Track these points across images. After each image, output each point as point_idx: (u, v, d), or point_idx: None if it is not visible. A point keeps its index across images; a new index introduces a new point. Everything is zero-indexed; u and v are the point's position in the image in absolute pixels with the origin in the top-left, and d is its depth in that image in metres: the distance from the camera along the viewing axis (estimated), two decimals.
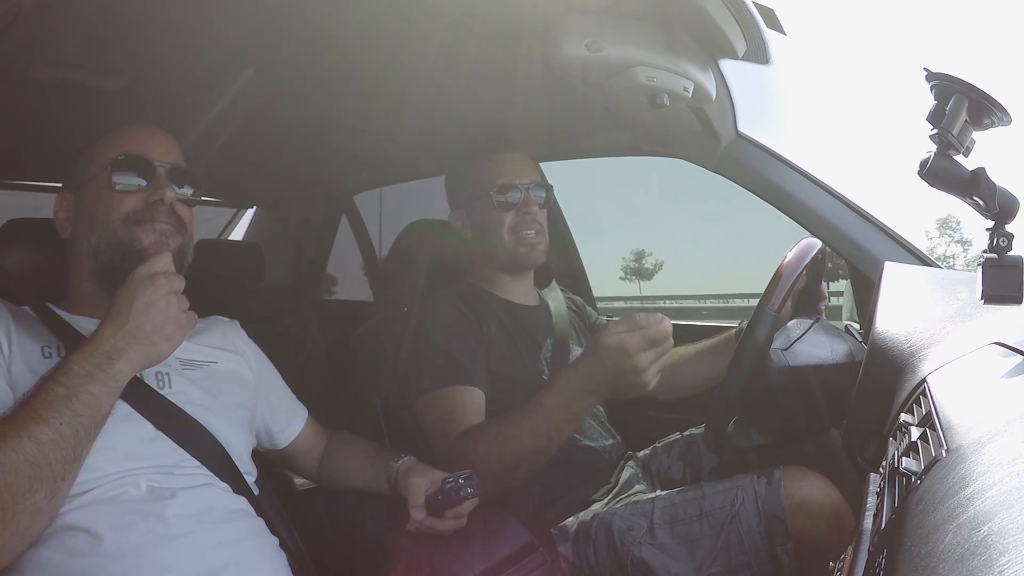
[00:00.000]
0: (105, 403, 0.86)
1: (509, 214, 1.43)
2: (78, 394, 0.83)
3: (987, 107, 0.84)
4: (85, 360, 0.85)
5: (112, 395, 0.87)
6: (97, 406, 0.84)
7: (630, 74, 1.06)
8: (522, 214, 1.43)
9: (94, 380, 0.84)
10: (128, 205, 1.03)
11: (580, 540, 1.26)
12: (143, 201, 1.03)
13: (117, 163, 1.03)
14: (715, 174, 1.54)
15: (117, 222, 1.02)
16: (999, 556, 0.39)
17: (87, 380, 0.84)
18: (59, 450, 0.80)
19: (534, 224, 1.44)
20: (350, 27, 1.15)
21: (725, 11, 1.04)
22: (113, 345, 0.87)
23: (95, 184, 1.04)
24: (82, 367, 0.84)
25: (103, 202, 1.03)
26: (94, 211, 1.03)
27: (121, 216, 1.02)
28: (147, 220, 1.02)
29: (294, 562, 1.08)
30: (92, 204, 1.04)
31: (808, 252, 1.19)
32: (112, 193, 1.03)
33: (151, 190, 1.04)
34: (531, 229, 1.44)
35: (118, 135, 1.08)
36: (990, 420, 0.61)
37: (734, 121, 1.47)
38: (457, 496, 1.04)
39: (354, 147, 1.88)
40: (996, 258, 0.85)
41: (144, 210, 1.03)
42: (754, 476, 1.22)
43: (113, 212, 1.02)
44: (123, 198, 1.03)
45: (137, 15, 1.05)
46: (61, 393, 0.82)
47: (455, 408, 1.27)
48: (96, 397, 0.84)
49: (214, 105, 1.43)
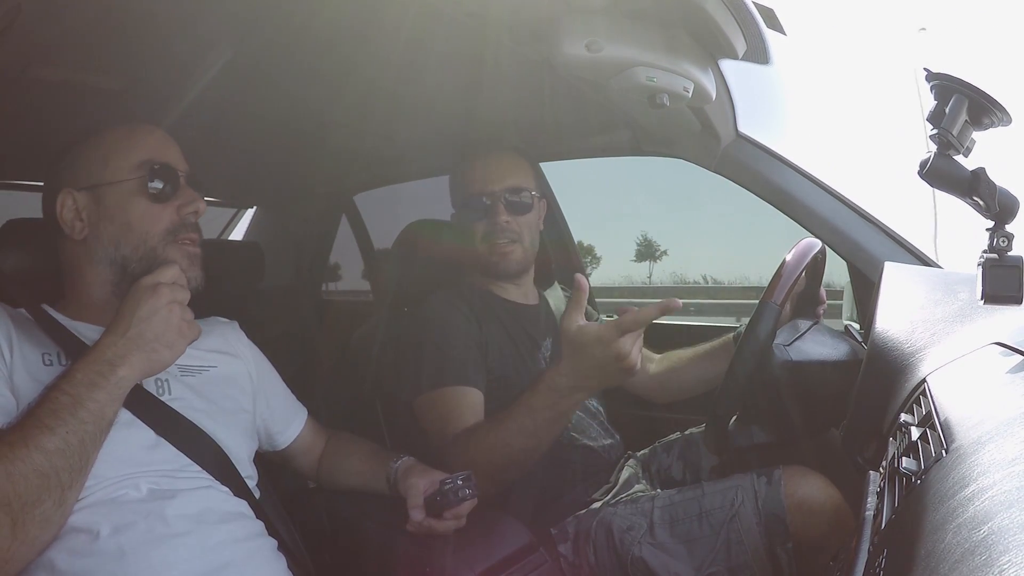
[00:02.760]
0: (109, 410, 0.86)
1: (481, 223, 1.43)
2: (83, 402, 0.83)
3: (987, 107, 0.84)
4: (88, 368, 0.86)
5: (116, 402, 0.87)
6: (102, 413, 0.85)
7: (630, 74, 1.06)
8: (491, 223, 1.42)
9: (98, 388, 0.85)
10: (166, 218, 1.03)
11: (580, 540, 1.26)
12: (176, 212, 1.04)
13: (153, 171, 1.02)
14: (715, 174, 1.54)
15: (156, 237, 1.02)
16: (999, 556, 0.39)
17: (91, 388, 0.85)
18: (66, 458, 0.81)
19: (505, 233, 1.42)
20: (349, 27, 1.15)
21: (725, 11, 1.04)
22: (116, 352, 0.88)
23: (123, 189, 1.02)
24: (85, 375, 0.85)
25: (138, 210, 1.02)
26: (127, 218, 1.01)
27: (161, 232, 1.02)
28: (182, 240, 1.04)
29: (294, 564, 1.08)
30: (122, 210, 1.01)
31: (809, 251, 1.19)
32: (147, 202, 1.02)
33: (182, 201, 1.05)
34: (502, 238, 1.42)
35: (133, 137, 1.05)
36: (990, 420, 0.61)
37: (734, 121, 1.47)
38: (455, 497, 1.04)
39: (354, 147, 1.88)
40: (996, 258, 0.85)
41: (179, 225, 1.04)
42: (754, 476, 1.22)
43: (150, 225, 1.02)
44: (159, 209, 1.03)
45: (137, 15, 1.05)
46: (66, 402, 0.83)
47: (453, 409, 1.27)
48: (100, 404, 0.85)
49: (214, 105, 1.43)
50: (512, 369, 1.39)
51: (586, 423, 1.45)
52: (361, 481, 1.22)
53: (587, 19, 1.01)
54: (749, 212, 4.82)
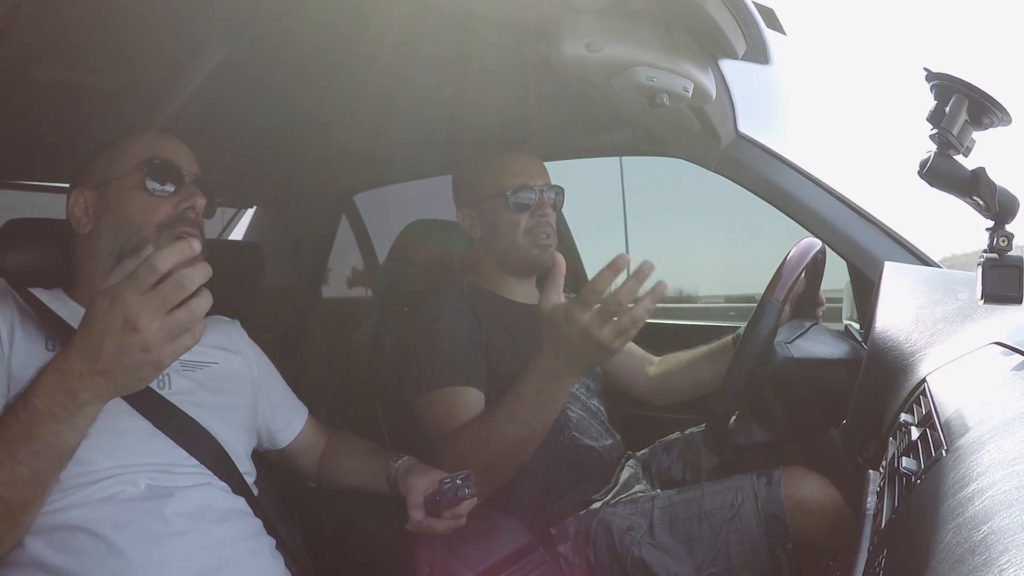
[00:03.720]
0: (70, 439, 0.76)
1: (524, 215, 1.44)
2: (38, 434, 0.74)
3: (987, 107, 0.84)
4: (47, 395, 0.73)
5: (79, 430, 0.76)
6: (60, 444, 0.75)
7: (630, 74, 1.06)
8: (537, 216, 1.44)
9: (56, 418, 0.73)
10: (162, 212, 1.05)
11: (580, 540, 1.26)
12: (174, 208, 1.06)
13: (153, 167, 1.05)
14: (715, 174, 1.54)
15: (150, 228, 1.04)
16: (999, 556, 0.39)
17: (48, 418, 0.73)
18: (16, 491, 0.75)
19: (548, 226, 1.45)
20: (349, 27, 1.15)
21: (725, 11, 1.04)
22: (79, 382, 0.73)
23: (124, 184, 1.06)
24: (43, 402, 0.73)
25: (136, 203, 1.05)
26: (124, 211, 1.04)
27: (155, 223, 1.04)
28: (179, 234, 1.04)
29: (293, 562, 1.08)
30: (120, 203, 1.05)
31: (810, 250, 1.19)
32: (146, 195, 1.05)
33: (181, 197, 1.07)
34: (545, 231, 1.45)
35: (143, 139, 1.09)
36: (990, 420, 0.61)
37: (734, 121, 1.47)
38: (454, 497, 1.04)
39: (354, 147, 1.88)
40: (996, 258, 0.85)
41: (176, 219, 1.05)
42: (754, 476, 1.22)
43: (147, 216, 1.04)
44: (157, 203, 1.05)
45: (137, 15, 1.05)
46: (19, 432, 0.74)
47: (453, 408, 1.27)
48: (59, 435, 0.74)
49: (214, 105, 1.43)
50: (513, 368, 1.39)
51: (587, 423, 1.45)
52: (361, 481, 1.22)
53: (587, 19, 1.01)
54: (749, 212, 4.77)
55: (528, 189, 1.44)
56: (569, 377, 1.11)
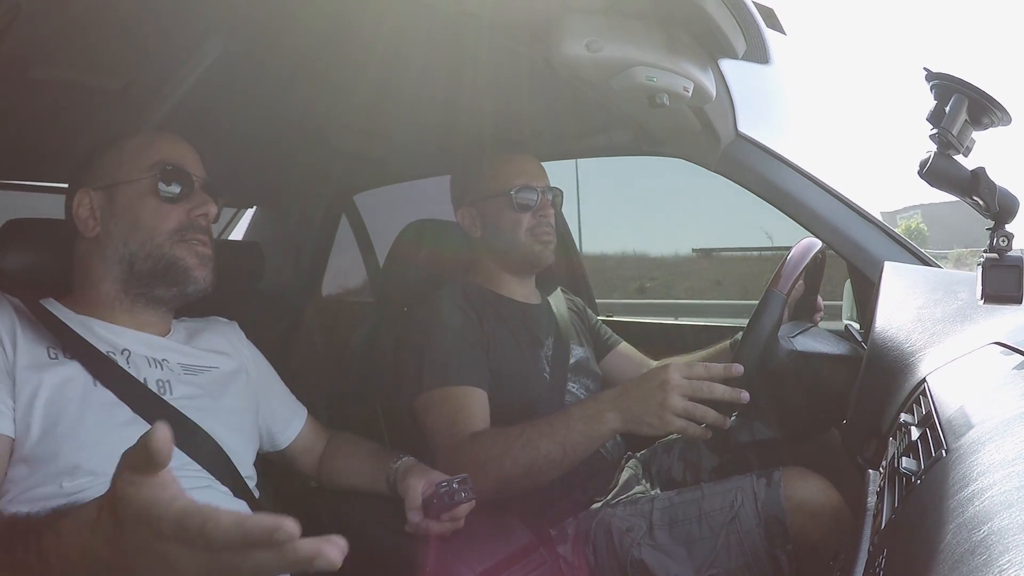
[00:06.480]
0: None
1: (526, 215, 1.46)
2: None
3: (987, 107, 0.84)
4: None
5: None
6: None
7: (630, 74, 1.06)
8: (539, 216, 1.46)
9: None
10: (174, 218, 1.05)
11: (580, 541, 1.25)
12: (186, 214, 1.06)
13: (165, 172, 1.05)
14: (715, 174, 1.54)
15: (163, 235, 1.04)
16: (999, 556, 0.39)
17: None
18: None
19: (548, 225, 1.47)
20: (349, 27, 1.15)
21: (725, 11, 1.04)
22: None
23: (135, 188, 1.05)
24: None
25: (148, 209, 1.04)
26: (135, 216, 1.04)
27: (168, 230, 1.04)
28: (190, 239, 1.05)
29: None
30: (131, 208, 1.04)
31: (811, 248, 1.19)
32: (157, 201, 1.04)
33: (194, 204, 1.07)
34: (546, 230, 1.47)
35: (152, 141, 1.09)
36: (990, 420, 0.61)
37: (734, 121, 1.47)
38: (451, 500, 1.04)
39: (354, 147, 1.88)
40: (996, 258, 0.85)
41: (188, 225, 1.05)
42: (754, 477, 1.22)
43: (160, 222, 1.04)
44: (169, 208, 1.05)
45: (137, 15, 1.05)
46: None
47: (460, 409, 1.27)
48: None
49: (215, 105, 1.43)
50: (514, 367, 1.39)
51: None
52: (361, 481, 1.22)
53: (587, 19, 1.01)
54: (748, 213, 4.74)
55: (530, 189, 1.46)
56: (617, 418, 1.12)
